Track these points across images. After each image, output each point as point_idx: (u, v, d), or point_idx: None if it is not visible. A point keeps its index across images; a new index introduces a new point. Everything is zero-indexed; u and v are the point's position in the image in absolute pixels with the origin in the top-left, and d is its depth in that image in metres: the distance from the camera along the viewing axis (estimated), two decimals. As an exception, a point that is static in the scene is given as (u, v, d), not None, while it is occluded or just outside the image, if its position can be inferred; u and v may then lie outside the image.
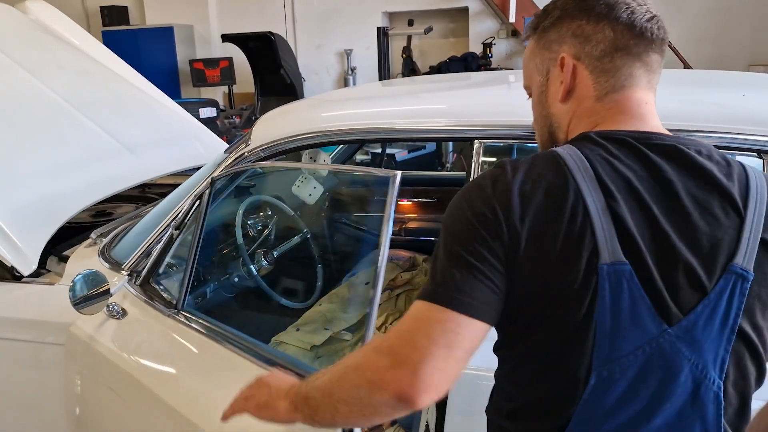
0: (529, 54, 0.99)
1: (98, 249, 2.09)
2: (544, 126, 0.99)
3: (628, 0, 0.91)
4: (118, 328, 1.73)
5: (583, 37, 0.91)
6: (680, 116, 1.44)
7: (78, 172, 2.47)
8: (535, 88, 0.99)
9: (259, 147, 1.76)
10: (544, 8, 0.97)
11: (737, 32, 6.42)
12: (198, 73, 7.21)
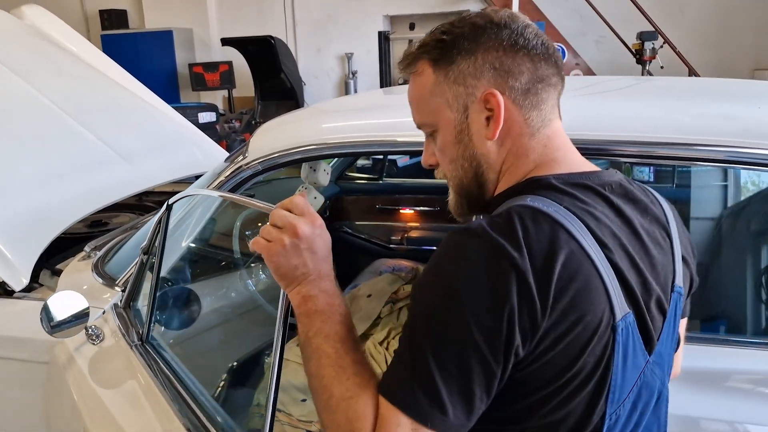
0: (431, 88, 0.89)
1: (92, 263, 2.03)
2: (469, 167, 0.90)
3: (529, 26, 0.88)
4: (93, 354, 1.67)
5: (504, 70, 0.86)
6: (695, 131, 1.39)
7: (72, 182, 2.41)
8: (447, 126, 0.89)
9: (257, 159, 1.70)
10: (437, 38, 0.88)
11: (740, 37, 6.38)
12: (197, 77, 7.16)
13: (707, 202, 1.99)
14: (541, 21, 6.24)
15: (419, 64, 0.90)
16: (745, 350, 1.41)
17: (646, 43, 5.33)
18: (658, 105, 1.63)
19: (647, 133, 1.42)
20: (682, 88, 2.07)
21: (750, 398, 1.40)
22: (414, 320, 0.78)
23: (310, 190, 2.57)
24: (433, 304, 0.76)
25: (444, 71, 0.88)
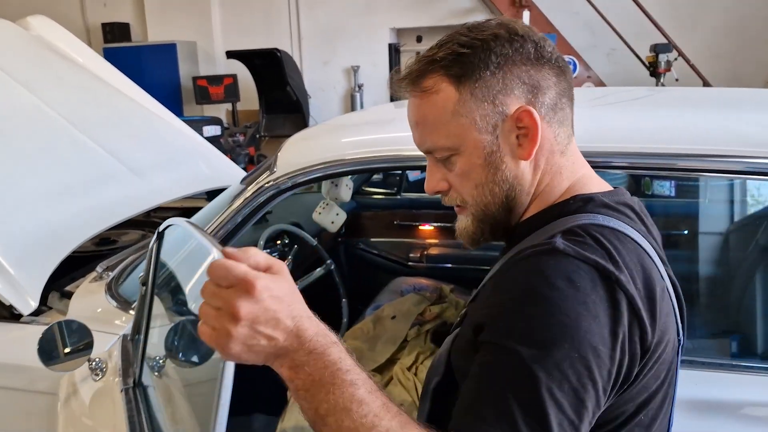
0: (454, 108, 0.80)
1: (105, 285, 1.90)
2: (500, 191, 0.84)
3: (546, 39, 0.84)
4: (93, 392, 1.52)
5: (532, 85, 0.81)
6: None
7: (81, 198, 2.29)
8: (475, 148, 0.81)
9: (286, 174, 1.58)
10: (456, 51, 0.80)
11: (754, 49, 6.32)
12: (201, 90, 7.07)
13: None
14: (553, 33, 6.17)
15: (431, 81, 0.81)
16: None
17: (660, 56, 5.26)
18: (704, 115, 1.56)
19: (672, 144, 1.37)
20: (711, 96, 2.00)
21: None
22: (513, 358, 0.67)
23: (332, 206, 2.45)
24: (543, 336, 0.67)
25: (470, 89, 0.80)
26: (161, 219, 3.10)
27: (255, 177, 1.73)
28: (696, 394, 1.26)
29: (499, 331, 0.70)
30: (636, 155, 1.37)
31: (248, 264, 0.64)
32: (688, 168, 1.40)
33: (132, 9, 8.06)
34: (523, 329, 0.68)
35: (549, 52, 0.82)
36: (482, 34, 0.80)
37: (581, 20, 6.51)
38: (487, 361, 0.69)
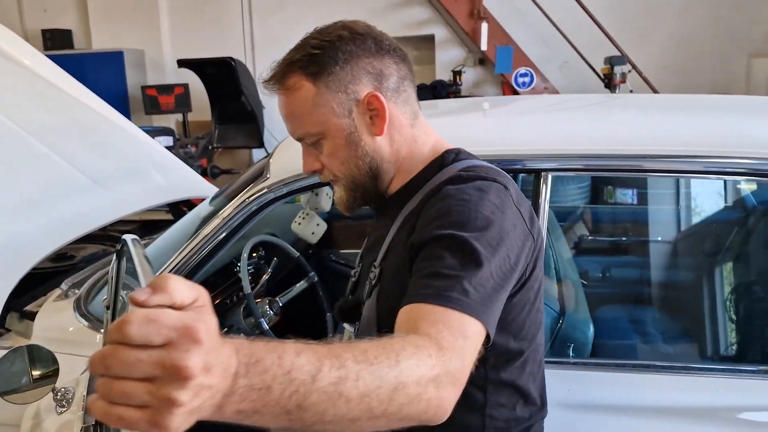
0: (314, 100, 0.96)
1: (73, 302, 1.74)
2: (363, 164, 1.00)
3: (383, 33, 1.00)
4: (55, 426, 1.36)
5: (376, 74, 0.97)
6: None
7: (41, 211, 2.12)
8: (336, 131, 0.98)
9: (281, 181, 1.49)
10: (309, 53, 0.95)
11: (700, 62, 6.57)
12: (151, 99, 6.81)
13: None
14: (510, 45, 6.25)
15: (293, 80, 0.96)
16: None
17: (615, 68, 5.39)
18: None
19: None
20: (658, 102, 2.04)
21: None
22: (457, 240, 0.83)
23: (312, 217, 2.35)
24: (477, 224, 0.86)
25: (324, 83, 0.95)
26: (119, 232, 2.94)
27: (235, 192, 1.62)
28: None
29: (443, 227, 0.86)
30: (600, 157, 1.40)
31: (175, 301, 0.51)
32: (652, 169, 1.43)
33: (74, 15, 7.73)
34: (459, 222, 0.85)
35: (387, 45, 0.98)
36: (329, 36, 0.96)
37: (535, 33, 6.62)
38: (439, 249, 0.84)
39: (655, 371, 1.34)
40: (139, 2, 7.37)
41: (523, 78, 6.21)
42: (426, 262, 0.83)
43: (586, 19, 6.00)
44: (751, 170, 1.38)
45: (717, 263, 1.90)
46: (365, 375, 0.61)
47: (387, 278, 0.99)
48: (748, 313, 1.70)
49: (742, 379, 1.31)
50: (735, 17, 6.50)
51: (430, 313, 0.76)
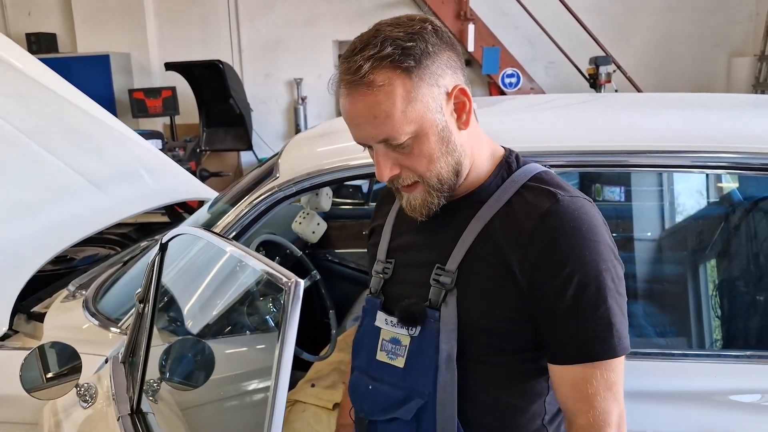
0: (410, 96, 0.90)
1: (82, 302, 1.76)
2: (452, 159, 0.96)
3: (440, 25, 0.97)
4: (82, 419, 1.39)
5: (454, 67, 0.95)
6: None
7: (43, 214, 2.14)
8: (431, 127, 0.93)
9: (291, 180, 1.52)
10: (402, 46, 0.89)
11: (682, 62, 6.70)
12: (138, 103, 6.78)
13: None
14: (497, 47, 6.32)
15: (386, 76, 0.89)
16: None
17: (600, 68, 5.48)
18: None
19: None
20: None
21: None
22: (603, 281, 0.92)
23: (313, 216, 2.39)
24: (610, 264, 0.94)
25: (419, 76, 0.90)
26: (115, 235, 2.94)
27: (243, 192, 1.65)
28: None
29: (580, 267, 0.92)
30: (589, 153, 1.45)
31: None
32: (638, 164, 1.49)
33: (59, 19, 7.67)
34: (597, 265, 0.93)
35: (451, 38, 0.96)
36: (413, 29, 0.91)
37: (520, 34, 6.70)
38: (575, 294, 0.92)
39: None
40: (124, 6, 7.33)
41: (509, 78, 6.28)
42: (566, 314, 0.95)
43: (571, 21, 6.09)
44: (731, 164, 1.44)
45: (702, 256, 1.97)
46: None
47: (471, 284, 0.98)
48: (731, 303, 1.77)
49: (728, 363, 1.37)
50: (715, 18, 6.64)
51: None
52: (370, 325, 1.08)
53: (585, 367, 0.92)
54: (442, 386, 0.98)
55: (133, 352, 1.42)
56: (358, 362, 1.12)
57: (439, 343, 0.98)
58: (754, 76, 6.38)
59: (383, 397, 1.04)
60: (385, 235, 1.13)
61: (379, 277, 1.11)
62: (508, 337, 0.98)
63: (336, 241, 3.15)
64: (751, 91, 6.34)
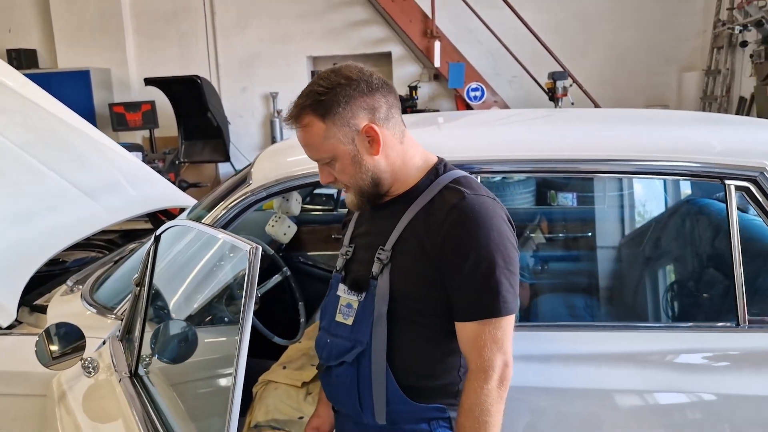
0: (324, 134, 1.24)
1: (80, 294, 2.03)
2: (366, 177, 1.29)
3: (369, 72, 1.28)
4: (87, 387, 1.66)
5: (369, 109, 1.25)
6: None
7: (41, 219, 2.39)
8: (344, 155, 1.26)
9: (261, 186, 1.80)
10: (317, 99, 1.22)
11: (634, 77, 7.11)
12: (119, 116, 7.01)
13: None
14: (462, 62, 6.66)
15: (307, 120, 1.24)
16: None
17: (558, 82, 5.85)
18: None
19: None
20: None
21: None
22: (493, 258, 1.22)
23: (284, 220, 2.67)
24: (501, 246, 1.23)
25: (331, 120, 1.23)
26: (101, 240, 3.19)
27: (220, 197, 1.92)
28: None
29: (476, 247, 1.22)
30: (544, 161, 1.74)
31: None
32: (589, 171, 1.78)
33: (39, 35, 7.88)
34: (489, 244, 1.22)
35: (376, 83, 1.26)
36: (330, 83, 1.23)
37: (484, 49, 7.06)
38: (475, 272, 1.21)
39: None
40: (104, 23, 7.56)
41: (474, 92, 6.63)
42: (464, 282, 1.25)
43: (530, 37, 6.46)
44: (666, 171, 1.73)
45: (650, 249, 2.29)
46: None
47: (400, 260, 1.28)
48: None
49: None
50: (665, 35, 7.07)
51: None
52: (333, 294, 1.39)
53: (477, 324, 1.22)
54: (376, 337, 1.28)
55: (129, 330, 1.70)
56: (323, 324, 1.42)
57: (375, 304, 1.29)
58: (702, 90, 6.80)
59: (336, 347, 1.34)
60: (350, 227, 1.46)
61: (343, 258, 1.42)
62: (427, 302, 1.28)
63: (308, 243, 3.42)
64: (699, 103, 6.77)
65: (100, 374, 1.66)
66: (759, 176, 1.64)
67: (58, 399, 1.67)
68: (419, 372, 1.30)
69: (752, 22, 5.34)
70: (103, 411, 1.58)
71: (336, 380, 1.35)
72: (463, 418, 1.21)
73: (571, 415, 1.61)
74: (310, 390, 2.14)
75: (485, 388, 1.20)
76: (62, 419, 1.60)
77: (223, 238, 1.33)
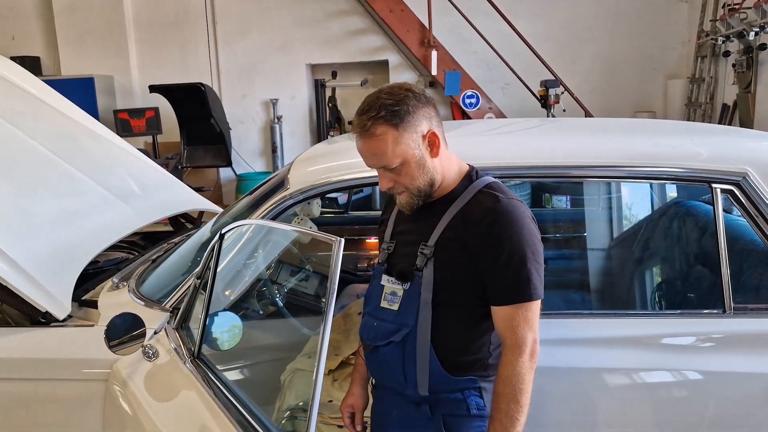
0: (397, 141, 1.41)
1: (128, 288, 2.21)
2: (427, 177, 1.47)
3: (419, 87, 1.49)
4: (148, 371, 1.85)
5: (428, 117, 1.46)
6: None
7: (83, 221, 2.56)
8: (412, 159, 1.44)
9: (299, 190, 2.00)
10: (391, 110, 1.41)
11: (624, 84, 7.38)
12: (123, 123, 7.17)
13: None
14: (458, 70, 6.89)
15: (382, 129, 1.41)
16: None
17: (550, 90, 6.09)
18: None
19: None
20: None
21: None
22: (525, 252, 1.42)
23: (306, 221, 2.88)
24: (531, 242, 1.44)
25: (403, 128, 1.42)
26: (125, 243, 3.36)
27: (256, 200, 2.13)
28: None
29: (508, 241, 1.42)
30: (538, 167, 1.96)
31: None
32: (578, 176, 2.01)
33: (43, 43, 8.02)
34: (521, 240, 1.43)
35: (428, 96, 1.47)
36: (398, 96, 1.42)
37: (479, 58, 7.30)
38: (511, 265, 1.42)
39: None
40: (107, 30, 7.72)
41: (469, 99, 6.87)
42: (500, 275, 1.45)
43: (523, 47, 6.70)
44: (660, 176, 1.97)
45: (635, 247, 2.52)
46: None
47: (442, 255, 1.47)
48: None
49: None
50: (652, 44, 7.35)
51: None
52: (377, 284, 1.58)
53: (511, 308, 1.42)
54: (421, 321, 1.48)
55: (185, 319, 1.89)
56: (368, 309, 1.60)
57: (421, 291, 1.48)
58: (687, 97, 7.06)
59: (384, 329, 1.53)
60: (390, 225, 1.64)
61: (385, 252, 1.61)
62: (464, 290, 1.48)
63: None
64: (684, 109, 7.03)
65: (159, 359, 1.84)
66: (742, 180, 1.87)
67: (122, 382, 1.86)
68: (456, 349, 1.50)
69: (734, 33, 5.61)
70: (167, 390, 1.77)
71: (383, 357, 1.54)
72: (501, 386, 1.42)
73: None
74: (336, 377, 2.34)
75: (520, 360, 1.41)
76: (129, 399, 1.79)
77: (305, 232, 1.56)
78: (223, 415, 1.50)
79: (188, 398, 1.65)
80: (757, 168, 1.88)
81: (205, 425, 1.55)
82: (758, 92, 5.56)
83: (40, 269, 2.16)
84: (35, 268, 2.15)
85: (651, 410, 1.82)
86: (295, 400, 2.22)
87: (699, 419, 1.81)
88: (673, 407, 1.82)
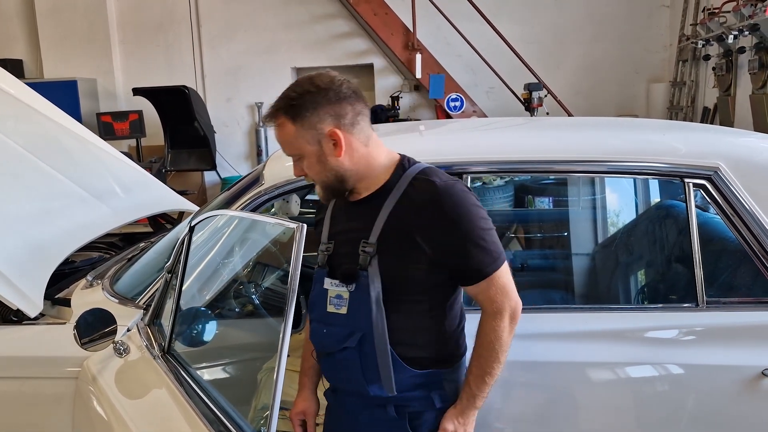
0: (294, 134, 1.40)
1: (102, 286, 2.19)
2: (330, 175, 1.44)
3: (341, 81, 1.42)
4: (119, 366, 1.82)
5: (336, 115, 1.40)
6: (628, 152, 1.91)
7: (59, 219, 2.55)
8: (310, 155, 1.42)
9: (273, 185, 1.99)
10: (289, 103, 1.39)
11: (606, 87, 7.45)
12: (106, 126, 7.11)
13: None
14: (442, 74, 6.92)
15: (280, 120, 1.41)
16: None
17: (533, 93, 6.13)
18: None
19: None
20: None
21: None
22: (476, 225, 1.42)
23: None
24: (476, 213, 1.43)
25: (300, 123, 1.39)
26: (102, 243, 3.33)
27: (233, 196, 2.12)
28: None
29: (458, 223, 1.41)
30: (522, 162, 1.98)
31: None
32: (562, 171, 2.03)
33: (25, 46, 7.96)
34: (470, 219, 1.41)
35: (345, 92, 1.40)
36: (302, 90, 1.38)
37: (464, 62, 7.33)
38: (469, 248, 1.41)
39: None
40: (90, 32, 7.67)
41: (454, 102, 6.89)
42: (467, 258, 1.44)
43: (507, 50, 6.74)
44: (634, 171, 1.99)
45: (620, 246, 2.53)
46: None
47: (386, 249, 1.42)
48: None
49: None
50: (634, 47, 7.42)
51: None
52: (320, 288, 1.51)
53: (483, 282, 1.42)
54: (375, 320, 1.42)
55: (157, 315, 1.87)
56: (314, 315, 1.55)
57: (370, 291, 1.42)
58: (669, 100, 7.14)
59: (335, 335, 1.47)
60: (326, 226, 1.58)
61: (324, 254, 1.55)
62: (416, 282, 1.45)
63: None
64: (666, 112, 7.10)
65: (130, 356, 1.83)
66: (713, 175, 1.88)
67: (91, 379, 1.84)
68: (415, 344, 1.48)
69: (714, 37, 5.67)
70: (137, 386, 1.75)
71: (340, 364, 1.49)
72: (482, 349, 1.44)
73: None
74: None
75: (500, 325, 1.43)
76: (98, 397, 1.77)
77: (267, 220, 1.54)
78: (191, 410, 1.48)
79: (158, 394, 1.63)
80: (728, 162, 1.89)
81: (172, 420, 1.53)
82: (738, 95, 5.62)
83: (12, 267, 2.14)
84: (7, 266, 2.12)
85: (625, 403, 1.83)
86: (271, 399, 2.20)
87: (671, 410, 1.82)
88: (648, 400, 1.82)
